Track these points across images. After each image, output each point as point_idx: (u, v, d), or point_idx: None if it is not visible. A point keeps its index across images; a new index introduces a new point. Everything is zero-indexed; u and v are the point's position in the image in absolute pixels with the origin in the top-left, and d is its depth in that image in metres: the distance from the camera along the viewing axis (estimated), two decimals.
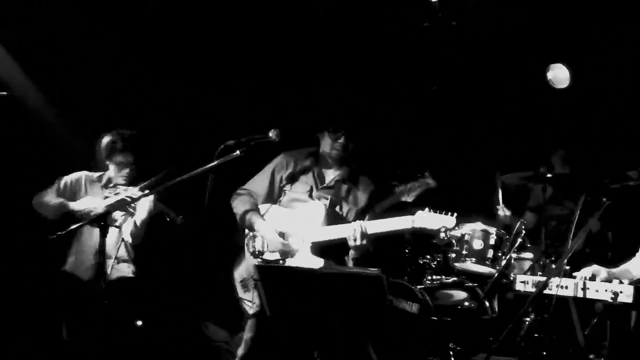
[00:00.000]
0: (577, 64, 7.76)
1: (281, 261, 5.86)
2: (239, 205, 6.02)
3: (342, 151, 5.94)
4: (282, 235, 5.89)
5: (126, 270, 6.43)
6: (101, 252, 5.44)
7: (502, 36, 7.68)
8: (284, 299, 4.93)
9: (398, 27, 7.74)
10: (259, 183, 6.06)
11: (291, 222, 5.91)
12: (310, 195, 5.97)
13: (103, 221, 5.39)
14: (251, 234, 5.98)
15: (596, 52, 7.57)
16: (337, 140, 5.94)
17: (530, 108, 7.89)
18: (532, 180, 7.19)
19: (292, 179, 6.01)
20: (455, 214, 5.61)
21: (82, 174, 6.55)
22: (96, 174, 6.56)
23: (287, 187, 6.00)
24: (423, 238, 7.03)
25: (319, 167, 6.06)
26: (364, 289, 4.75)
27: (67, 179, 6.51)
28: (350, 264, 5.88)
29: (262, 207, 6.00)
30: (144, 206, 6.36)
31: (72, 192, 6.45)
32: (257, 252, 5.95)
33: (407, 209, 5.83)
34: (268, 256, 5.92)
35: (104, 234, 5.40)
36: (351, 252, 5.84)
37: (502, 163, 7.37)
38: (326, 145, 6.00)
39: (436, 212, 5.59)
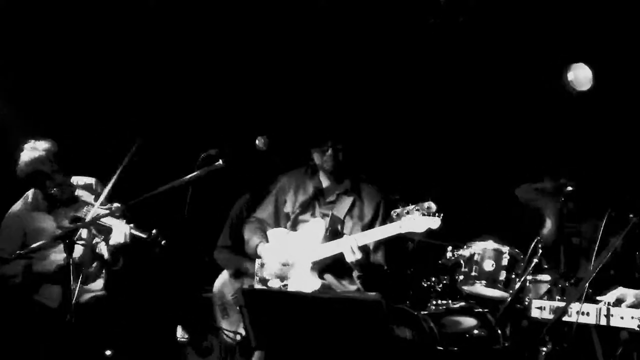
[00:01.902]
0: (601, 63, 7.78)
1: (282, 286, 6.11)
2: (248, 233, 6.41)
3: (332, 163, 6.20)
4: (285, 258, 6.15)
5: (96, 286, 6.45)
6: (68, 272, 5.45)
7: (515, 32, 7.71)
8: (272, 326, 4.97)
9: (399, 26, 7.79)
10: (265, 210, 6.44)
11: (294, 244, 6.19)
12: (314, 214, 6.29)
13: (69, 238, 5.39)
14: (260, 261, 6.26)
15: (622, 50, 7.58)
16: (325, 153, 6.20)
17: (548, 113, 7.89)
18: (549, 193, 7.19)
19: (295, 200, 6.32)
20: (441, 215, 5.77)
21: (14, 214, 6.40)
22: (28, 200, 6.41)
23: (291, 210, 6.32)
24: (427, 258, 7.08)
25: (320, 182, 6.36)
26: (362, 315, 4.77)
27: (8, 231, 6.36)
28: (357, 282, 6.17)
29: (270, 233, 6.32)
30: (120, 230, 6.18)
31: (30, 238, 6.26)
32: (263, 279, 6.22)
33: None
34: (272, 283, 6.18)
35: (70, 252, 5.41)
36: (355, 271, 6.15)
37: (515, 174, 7.38)
38: (317, 159, 6.29)
39: (423, 215, 5.81)
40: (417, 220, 5.87)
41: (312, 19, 7.78)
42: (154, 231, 6.08)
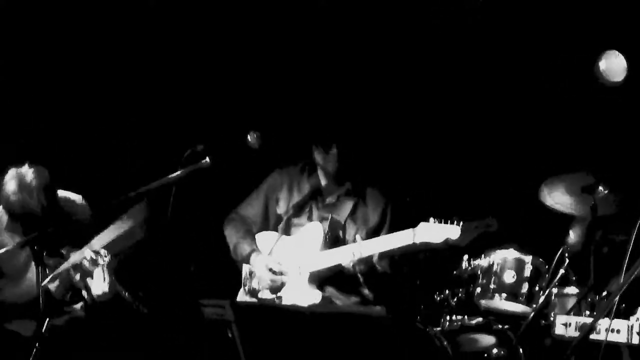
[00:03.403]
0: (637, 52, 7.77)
1: (276, 299, 6.10)
2: (231, 233, 6.37)
3: (336, 165, 6.09)
4: (278, 266, 6.13)
5: (74, 307, 6.42)
6: (39, 285, 5.44)
7: (539, 16, 7.69)
8: (265, 344, 4.96)
9: (409, 22, 7.83)
10: (252, 207, 6.40)
11: (289, 250, 6.18)
12: (310, 217, 6.27)
13: (37, 244, 5.36)
14: (249, 269, 6.24)
15: None
16: (329, 152, 6.16)
17: (577, 108, 7.87)
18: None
19: (289, 200, 6.32)
20: (461, 223, 5.72)
21: None
22: (3, 217, 6.25)
23: (284, 211, 6.31)
24: (439, 265, 7.06)
25: (318, 182, 6.34)
26: (365, 332, 4.80)
27: None
28: (366, 291, 6.26)
29: (259, 237, 6.28)
30: (99, 282, 6.04)
31: None
32: (252, 290, 6.22)
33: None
34: (263, 294, 6.18)
35: (39, 261, 5.39)
36: (360, 279, 6.18)
37: (538, 175, 7.35)
38: (319, 158, 6.27)
39: (441, 222, 5.87)
40: (434, 229, 5.83)
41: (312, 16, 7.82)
42: (136, 300, 6.04)
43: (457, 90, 8.06)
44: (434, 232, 5.87)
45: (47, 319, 5.91)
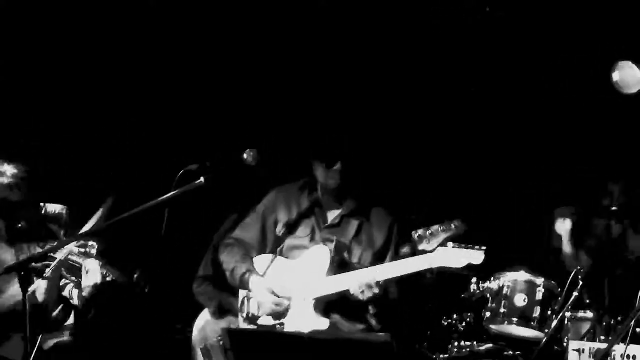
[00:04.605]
0: None
1: (278, 326, 6.05)
2: (227, 258, 6.29)
3: (339, 181, 6.12)
4: (282, 292, 6.08)
5: (62, 334, 6.42)
6: (25, 310, 5.43)
7: (551, 26, 7.72)
8: None
9: (411, 26, 7.90)
10: (249, 230, 6.34)
11: (292, 275, 6.11)
12: (313, 239, 6.22)
13: (24, 270, 5.37)
14: (246, 294, 6.18)
15: None
16: (331, 168, 6.12)
17: (590, 120, 7.90)
18: (595, 215, 7.20)
19: (289, 221, 6.26)
20: (484, 248, 5.77)
21: None
22: None
23: (284, 233, 6.24)
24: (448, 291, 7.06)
25: (319, 201, 6.31)
26: (370, 358, 4.76)
27: None
28: (373, 322, 6.15)
29: (257, 260, 6.22)
30: (93, 271, 6.15)
31: None
32: (251, 317, 6.15)
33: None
34: (263, 321, 6.11)
35: (25, 287, 5.38)
36: (370, 308, 6.08)
37: (551, 195, 7.38)
38: (320, 174, 6.21)
39: (461, 247, 5.80)
40: (453, 253, 5.85)
41: (311, 19, 7.85)
42: (135, 275, 6.05)
43: (462, 98, 8.10)
44: (455, 256, 5.85)
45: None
